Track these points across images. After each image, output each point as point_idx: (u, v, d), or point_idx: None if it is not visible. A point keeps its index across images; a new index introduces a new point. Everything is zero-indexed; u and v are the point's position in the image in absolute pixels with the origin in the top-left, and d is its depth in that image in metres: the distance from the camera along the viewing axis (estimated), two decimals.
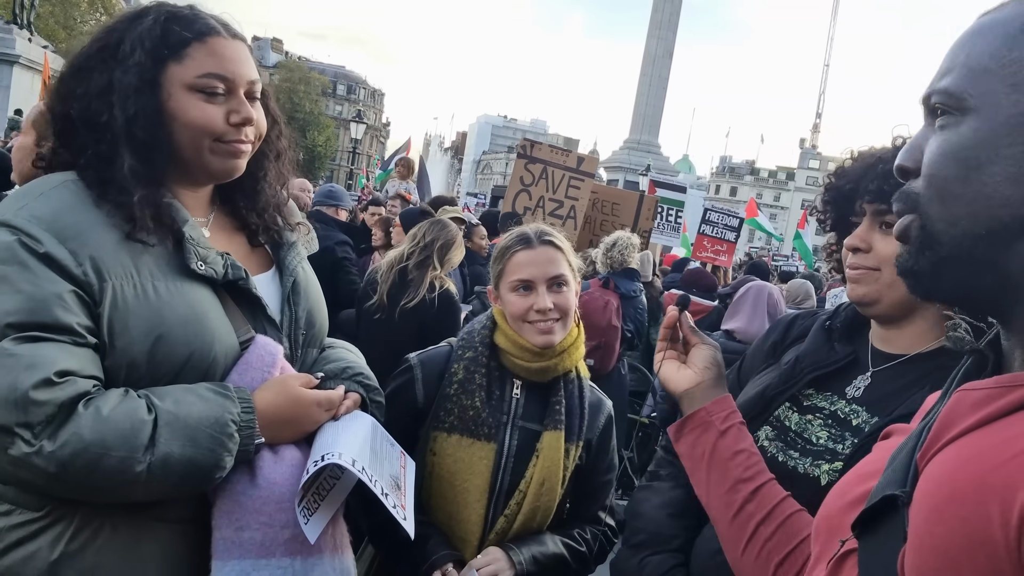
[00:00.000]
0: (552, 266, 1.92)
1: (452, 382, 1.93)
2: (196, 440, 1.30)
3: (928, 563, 0.67)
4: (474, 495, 1.87)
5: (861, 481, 0.88)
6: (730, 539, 1.27)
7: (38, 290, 1.25)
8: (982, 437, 0.69)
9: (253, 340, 1.49)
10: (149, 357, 1.33)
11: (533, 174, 7.43)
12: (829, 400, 1.54)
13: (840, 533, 0.83)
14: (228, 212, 1.64)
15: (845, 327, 1.61)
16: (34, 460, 1.20)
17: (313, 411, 1.50)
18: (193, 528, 1.42)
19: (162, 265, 1.38)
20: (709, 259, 8.28)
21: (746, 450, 1.32)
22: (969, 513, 0.65)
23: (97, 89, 1.38)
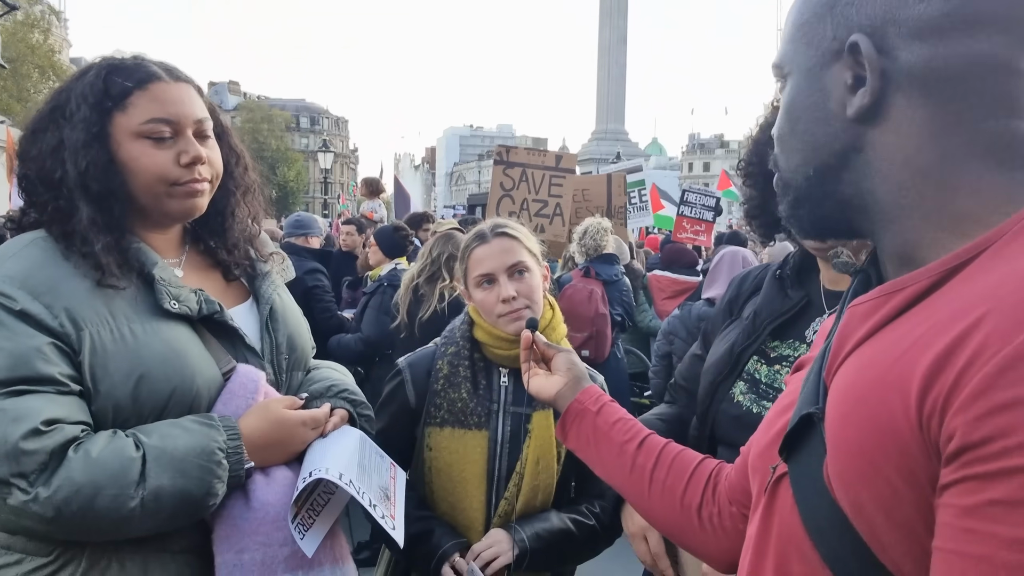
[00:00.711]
0: (508, 255, 1.97)
1: (438, 378, 1.99)
2: (185, 471, 1.34)
3: (847, 466, 0.73)
4: (473, 483, 1.92)
5: (781, 413, 0.94)
6: (633, 493, 1.34)
7: (17, 346, 1.29)
8: (874, 343, 0.76)
9: (235, 369, 1.52)
10: (133, 397, 1.37)
11: (513, 178, 7.45)
12: (792, 347, 1.60)
13: (771, 463, 0.89)
14: (200, 251, 1.67)
15: (795, 273, 1.66)
16: (32, 507, 1.25)
17: (299, 431, 1.53)
18: (197, 557, 1.45)
19: (136, 307, 1.42)
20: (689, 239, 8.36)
21: (622, 418, 1.41)
22: (874, 411, 0.70)
23: (49, 148, 1.43)
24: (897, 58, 0.77)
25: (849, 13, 0.79)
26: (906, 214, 0.80)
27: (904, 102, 0.77)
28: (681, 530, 1.28)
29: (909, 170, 0.78)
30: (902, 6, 0.76)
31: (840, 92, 0.81)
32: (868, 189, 0.82)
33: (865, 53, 0.77)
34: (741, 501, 1.18)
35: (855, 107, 0.80)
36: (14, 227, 1.51)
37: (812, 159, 0.86)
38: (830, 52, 0.82)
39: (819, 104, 0.84)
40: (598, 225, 5.87)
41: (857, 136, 0.81)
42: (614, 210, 8.25)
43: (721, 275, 4.28)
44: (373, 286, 5.00)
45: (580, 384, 1.49)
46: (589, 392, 1.46)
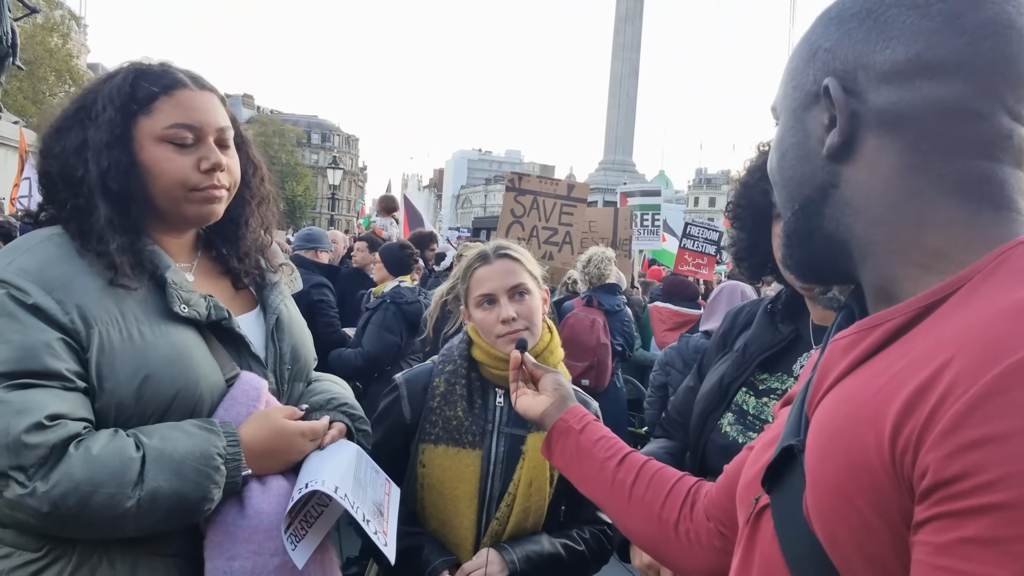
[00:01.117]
0: (510, 277, 1.99)
1: (435, 395, 2.00)
2: (183, 474, 1.35)
3: (823, 499, 0.74)
4: (464, 502, 1.92)
5: (767, 446, 0.96)
6: (613, 508, 1.38)
7: (27, 339, 1.30)
8: (854, 378, 0.78)
9: (238, 376, 1.53)
10: (137, 397, 1.38)
11: (524, 205, 7.51)
12: (780, 380, 1.63)
13: (755, 494, 0.92)
14: (212, 257, 1.69)
15: (786, 308, 1.70)
16: (28, 501, 1.25)
17: (298, 441, 1.53)
18: (187, 561, 1.45)
19: (146, 309, 1.44)
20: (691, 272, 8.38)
21: (604, 436, 1.45)
22: (849, 445, 0.72)
23: (73, 146, 1.46)
24: (866, 100, 0.81)
25: (827, 59, 0.85)
26: (880, 249, 0.83)
27: (874, 142, 0.82)
28: (657, 544, 1.32)
29: (880, 206, 0.82)
30: (871, 52, 0.81)
31: (819, 132, 0.86)
32: (846, 224, 0.86)
33: (834, 95, 0.82)
34: (719, 518, 1.22)
35: (827, 145, 0.84)
36: (31, 221, 1.54)
37: (796, 195, 0.90)
38: (811, 95, 0.87)
39: (801, 143, 0.89)
40: (602, 254, 5.91)
41: (833, 173, 0.86)
42: (619, 242, 8.31)
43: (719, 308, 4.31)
44: (376, 302, 5.03)
45: (566, 404, 1.54)
46: (574, 411, 1.51)
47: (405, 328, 4.91)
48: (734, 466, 1.23)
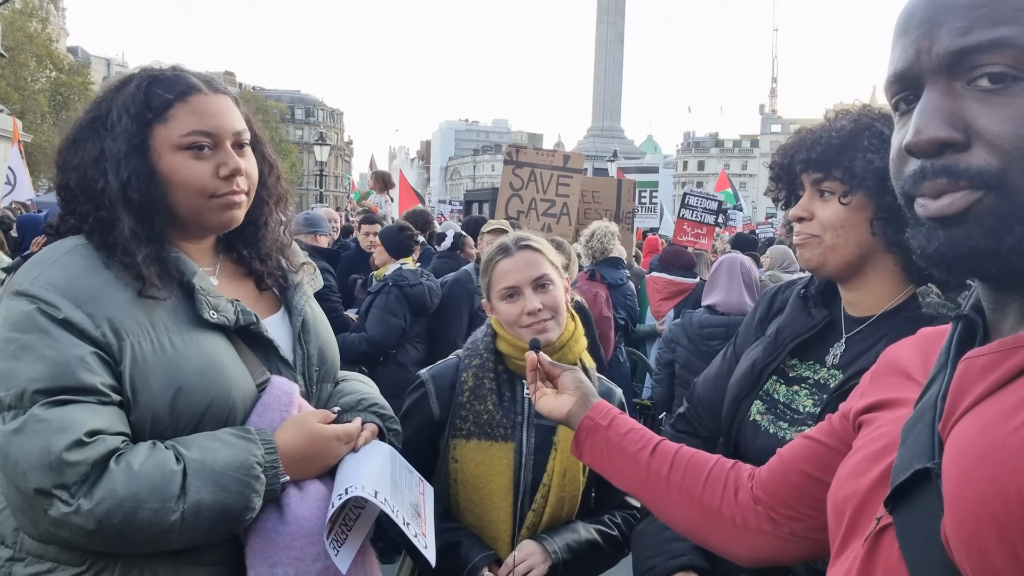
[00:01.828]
0: (533, 268, 2.00)
1: (463, 390, 2.00)
2: (224, 485, 1.35)
3: (965, 526, 0.70)
4: (499, 494, 1.94)
5: (874, 458, 0.92)
6: (651, 499, 1.39)
7: (60, 355, 1.30)
8: (997, 401, 0.73)
9: (269, 381, 1.53)
10: (171, 409, 1.38)
11: (522, 178, 7.53)
12: (812, 369, 1.61)
13: (869, 511, 0.88)
14: (233, 260, 1.68)
15: (819, 292, 1.67)
16: (73, 519, 1.25)
17: (333, 445, 1.54)
18: (228, 570, 1.46)
19: (176, 317, 1.43)
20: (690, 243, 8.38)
21: (633, 429, 1.45)
22: (998, 471, 0.68)
23: (91, 158, 1.45)
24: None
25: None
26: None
27: None
28: (700, 529, 1.32)
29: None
30: None
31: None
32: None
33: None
34: (768, 503, 1.23)
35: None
36: (52, 233, 1.53)
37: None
38: None
39: None
40: (605, 228, 5.91)
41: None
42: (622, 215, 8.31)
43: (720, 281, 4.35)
44: (378, 286, 4.99)
45: (589, 400, 1.54)
46: (598, 408, 1.51)
47: (408, 311, 4.89)
48: (787, 451, 1.23)
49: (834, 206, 1.51)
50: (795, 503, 1.20)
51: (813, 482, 1.16)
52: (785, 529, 1.21)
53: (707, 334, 4.18)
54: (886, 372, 1.05)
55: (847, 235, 1.50)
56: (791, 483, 1.20)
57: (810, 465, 1.17)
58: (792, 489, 1.20)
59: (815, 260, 1.55)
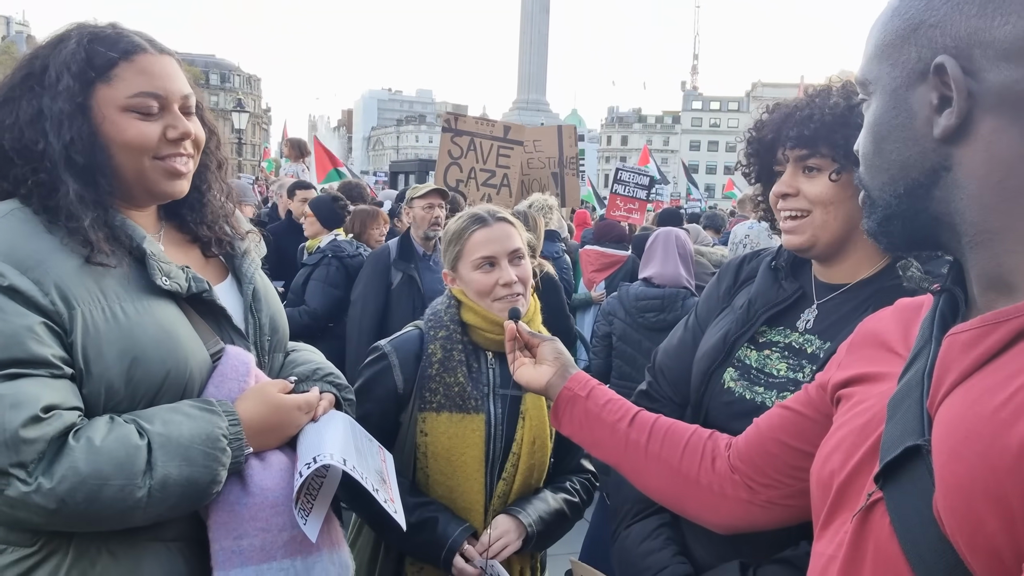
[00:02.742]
0: (510, 241, 2.01)
1: (432, 363, 1.98)
2: (191, 459, 1.31)
3: (957, 500, 0.73)
4: (472, 466, 1.95)
5: (861, 432, 0.94)
6: (629, 468, 1.41)
7: (7, 325, 1.23)
8: (982, 378, 0.76)
9: (224, 351, 1.49)
10: (127, 380, 1.33)
11: (461, 147, 7.44)
12: (783, 334, 1.62)
13: (856, 486, 0.90)
14: (177, 227, 1.62)
15: (789, 264, 1.68)
16: (33, 499, 1.19)
17: (294, 415, 1.52)
18: (188, 545, 1.43)
19: (126, 285, 1.37)
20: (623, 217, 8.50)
21: (611, 399, 1.47)
22: (987, 447, 0.71)
23: (27, 118, 1.36)
24: (984, 79, 0.78)
25: (933, 35, 0.81)
26: (998, 237, 0.80)
27: (992, 123, 0.78)
28: (679, 498, 1.36)
29: (1001, 192, 0.79)
30: (987, 28, 0.77)
31: (926, 112, 0.82)
32: (958, 209, 0.83)
33: (951, 74, 0.78)
34: (745, 472, 1.27)
35: (941, 127, 0.81)
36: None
37: (901, 177, 0.87)
38: (915, 73, 0.83)
39: (906, 124, 0.85)
40: (544, 201, 5.94)
41: (945, 156, 0.82)
42: (566, 160, 8.30)
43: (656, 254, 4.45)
44: (315, 258, 4.91)
45: (568, 371, 1.54)
46: (577, 378, 1.52)
47: (348, 282, 4.80)
48: (764, 421, 1.27)
49: (822, 183, 1.52)
50: (772, 471, 1.23)
51: (789, 450, 1.20)
52: (761, 496, 1.25)
53: (643, 306, 4.27)
54: (864, 343, 1.08)
55: (836, 212, 1.51)
56: (768, 451, 1.24)
57: (787, 434, 1.21)
58: (769, 457, 1.23)
59: (807, 241, 1.55)
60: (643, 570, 1.63)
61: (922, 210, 0.86)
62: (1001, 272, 0.81)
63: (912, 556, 0.78)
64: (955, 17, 0.79)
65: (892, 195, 0.88)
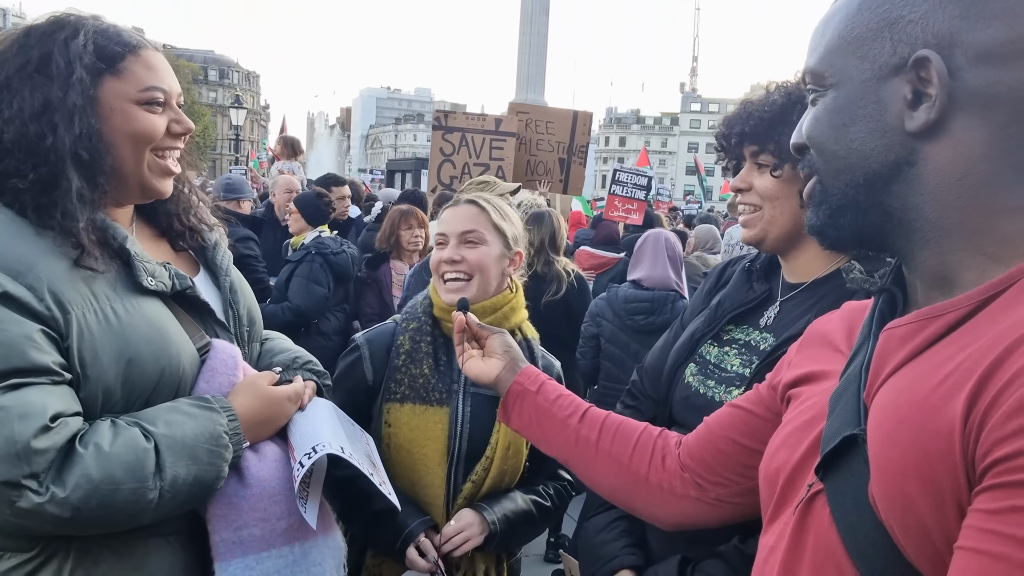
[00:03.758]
0: (466, 222, 1.97)
1: (399, 353, 1.97)
2: (197, 457, 1.33)
3: (891, 486, 0.76)
4: (433, 459, 1.92)
5: (805, 428, 0.97)
6: (578, 464, 1.41)
7: (5, 334, 1.21)
8: (915, 367, 0.79)
9: (211, 346, 1.50)
10: (123, 381, 1.33)
11: (452, 143, 7.44)
12: (745, 332, 1.67)
13: (800, 480, 0.93)
14: (145, 221, 1.62)
15: (764, 267, 1.73)
16: (47, 508, 1.19)
17: (285, 406, 1.55)
18: (187, 537, 1.45)
19: (115, 286, 1.37)
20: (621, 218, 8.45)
21: (562, 395, 1.46)
22: (917, 432, 0.74)
23: (33, 110, 1.32)
24: (961, 78, 0.79)
25: (913, 31, 0.82)
26: (947, 234, 0.82)
27: (963, 122, 0.80)
28: (628, 495, 1.36)
29: (957, 190, 0.81)
30: (969, 29, 0.79)
31: (898, 106, 0.83)
32: (914, 204, 0.84)
33: (936, 69, 0.79)
34: (695, 469, 1.27)
35: (918, 122, 0.82)
36: None
37: (860, 167, 0.87)
38: (888, 66, 0.84)
39: (874, 115, 0.86)
40: (532, 201, 5.89)
41: (911, 150, 0.84)
42: (576, 148, 8.22)
43: (645, 257, 4.38)
44: (299, 254, 4.86)
45: (517, 365, 1.52)
46: (526, 373, 1.50)
47: (332, 279, 4.79)
48: (714, 420, 1.28)
49: (768, 178, 1.57)
50: (721, 469, 1.24)
51: (740, 448, 1.22)
52: (711, 494, 1.26)
53: (632, 308, 4.21)
54: (813, 343, 1.11)
55: (782, 207, 1.56)
56: (718, 449, 1.25)
57: (737, 432, 1.23)
58: (719, 455, 1.25)
59: (757, 235, 1.61)
60: (596, 559, 1.68)
61: (877, 204, 0.87)
62: (944, 270, 0.83)
63: (849, 542, 0.80)
64: (937, 16, 0.81)
65: (849, 184, 0.89)
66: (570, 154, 8.08)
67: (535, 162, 8.03)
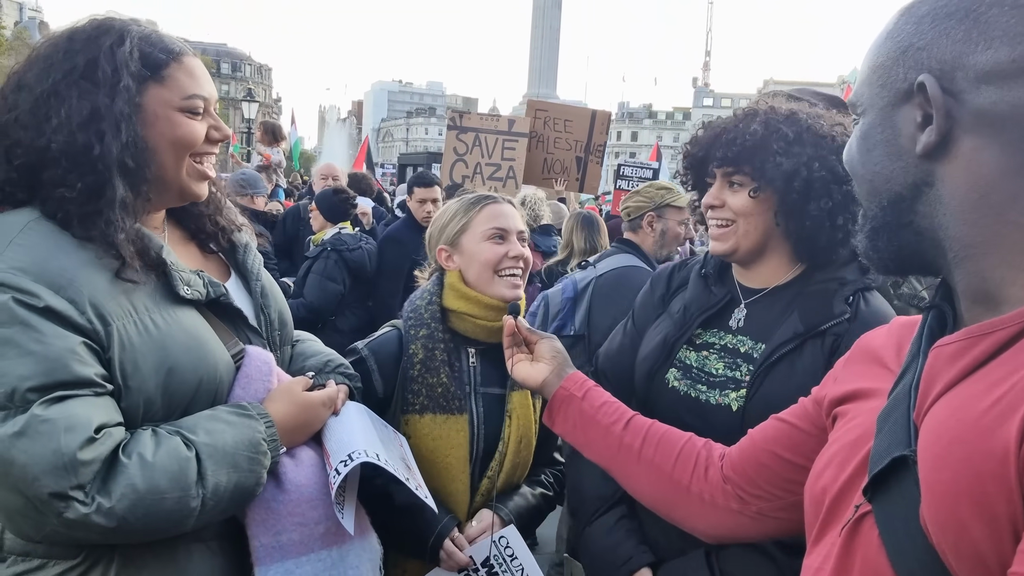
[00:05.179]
0: (519, 221, 2.05)
1: (413, 363, 1.94)
2: (238, 465, 1.35)
3: (942, 507, 0.74)
4: (457, 467, 1.93)
5: (852, 447, 0.97)
6: (620, 471, 1.42)
7: (49, 348, 1.21)
8: (966, 387, 0.78)
9: (245, 352, 1.51)
10: (163, 391, 1.34)
11: (466, 143, 7.52)
12: (717, 336, 1.78)
13: (847, 500, 0.92)
14: (174, 224, 1.62)
15: (716, 271, 1.86)
16: (93, 519, 1.20)
17: (320, 412, 1.57)
18: (228, 542, 1.47)
19: (154, 297, 1.38)
20: None
21: (607, 402, 1.48)
22: (971, 452, 0.73)
23: (80, 118, 1.32)
24: (965, 100, 0.82)
25: (920, 57, 0.85)
26: (981, 252, 0.83)
27: (973, 142, 0.82)
28: (669, 504, 1.37)
29: (983, 208, 0.82)
30: (970, 52, 0.81)
31: (910, 129, 0.87)
32: (941, 224, 0.86)
33: (931, 92, 0.82)
34: (737, 483, 1.27)
35: (923, 144, 0.85)
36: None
37: (884, 190, 0.91)
38: (901, 92, 0.88)
39: (890, 140, 0.90)
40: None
41: (927, 172, 0.86)
42: (593, 147, 8.24)
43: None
44: (316, 251, 4.87)
45: (564, 371, 1.54)
46: (573, 378, 1.52)
47: (348, 276, 4.80)
48: (759, 432, 1.29)
49: (743, 197, 1.70)
50: (764, 483, 1.24)
51: (783, 463, 1.21)
52: (752, 508, 1.26)
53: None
54: (860, 360, 1.11)
55: (755, 223, 1.69)
56: (761, 463, 1.24)
57: (781, 447, 1.22)
58: (762, 469, 1.24)
59: (730, 248, 1.73)
60: (610, 563, 1.72)
61: (906, 224, 0.90)
62: (986, 287, 0.83)
63: (899, 566, 0.79)
64: (942, 41, 0.83)
65: (877, 206, 0.93)
66: (587, 153, 8.10)
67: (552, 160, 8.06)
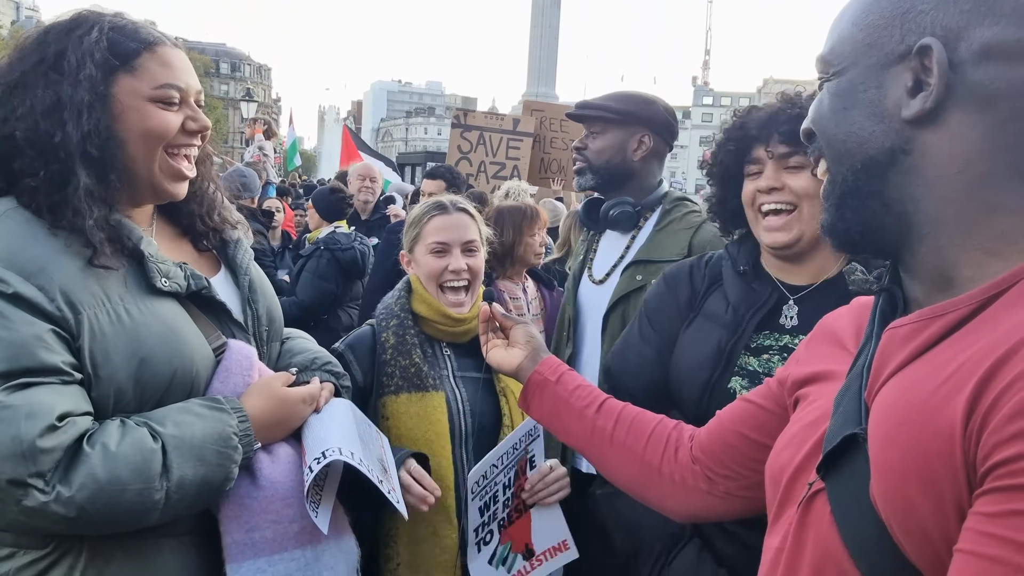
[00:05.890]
0: (466, 231, 2.09)
1: (386, 348, 2.02)
2: (205, 459, 1.33)
3: (892, 486, 0.76)
4: (439, 441, 1.95)
5: (810, 427, 0.98)
6: (594, 454, 1.44)
7: (15, 334, 1.21)
8: (917, 367, 0.79)
9: (226, 346, 1.50)
10: (135, 382, 1.33)
11: (470, 141, 7.60)
12: (772, 337, 1.68)
13: (803, 479, 0.93)
14: (167, 220, 1.61)
15: (752, 268, 1.76)
16: (52, 507, 1.19)
17: (299, 408, 1.54)
18: (199, 538, 1.45)
19: (128, 286, 1.37)
20: None
21: (580, 385, 1.49)
22: (918, 433, 0.74)
23: (44, 107, 1.32)
24: (963, 72, 0.80)
25: (923, 21, 0.83)
26: (945, 229, 0.83)
27: (961, 115, 0.81)
28: (641, 486, 1.38)
29: (956, 183, 0.81)
30: (977, 24, 0.79)
31: (898, 93, 0.84)
32: (911, 196, 0.85)
33: (936, 57, 0.80)
34: (706, 463, 1.29)
35: (915, 109, 0.82)
36: None
37: (858, 153, 0.88)
38: (894, 54, 0.85)
39: (875, 100, 0.87)
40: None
41: (907, 139, 0.84)
42: None
43: None
44: (309, 249, 4.88)
45: (539, 355, 1.56)
46: (548, 363, 1.54)
47: (340, 275, 4.79)
48: (725, 413, 1.30)
49: (806, 177, 1.59)
50: (731, 462, 1.26)
51: (749, 443, 1.23)
52: (720, 487, 1.28)
53: None
54: (821, 341, 1.12)
55: (820, 206, 1.56)
56: (728, 443, 1.26)
57: (747, 426, 1.24)
58: (729, 449, 1.26)
59: (794, 237, 1.62)
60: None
61: (876, 192, 0.88)
62: (942, 266, 0.84)
63: (850, 541, 0.81)
64: (948, 8, 0.81)
65: (848, 169, 0.90)
66: None
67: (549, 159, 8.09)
